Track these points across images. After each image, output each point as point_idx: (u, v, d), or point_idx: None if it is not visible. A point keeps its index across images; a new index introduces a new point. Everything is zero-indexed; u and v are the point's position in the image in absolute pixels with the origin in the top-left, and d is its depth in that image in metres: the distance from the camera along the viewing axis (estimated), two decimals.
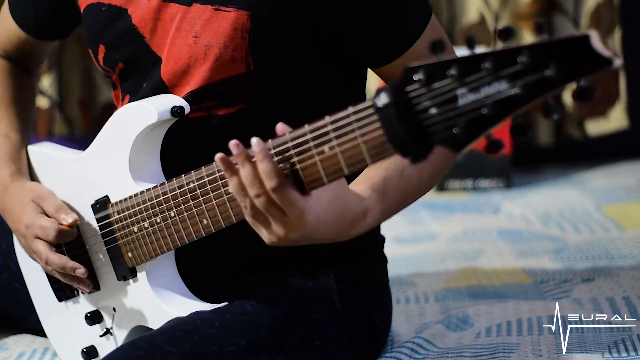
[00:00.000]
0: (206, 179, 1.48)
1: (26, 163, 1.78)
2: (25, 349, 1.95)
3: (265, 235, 1.40)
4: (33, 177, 1.78)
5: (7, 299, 1.93)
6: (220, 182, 1.46)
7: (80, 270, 1.63)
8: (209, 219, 1.49)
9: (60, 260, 1.64)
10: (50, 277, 1.76)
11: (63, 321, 1.77)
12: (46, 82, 3.37)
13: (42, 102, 3.39)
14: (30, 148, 1.81)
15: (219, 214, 1.48)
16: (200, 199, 1.49)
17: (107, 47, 1.69)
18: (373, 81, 3.01)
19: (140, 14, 1.64)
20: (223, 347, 1.52)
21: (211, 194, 1.48)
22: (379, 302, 1.77)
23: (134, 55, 1.66)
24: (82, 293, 1.72)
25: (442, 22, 3.34)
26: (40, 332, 1.91)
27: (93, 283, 1.67)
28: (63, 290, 1.75)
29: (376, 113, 1.24)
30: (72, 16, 1.80)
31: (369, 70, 1.69)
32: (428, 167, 1.50)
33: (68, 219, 1.64)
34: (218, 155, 1.36)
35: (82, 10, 1.72)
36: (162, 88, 1.63)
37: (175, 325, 1.54)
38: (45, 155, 1.77)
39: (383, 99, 1.22)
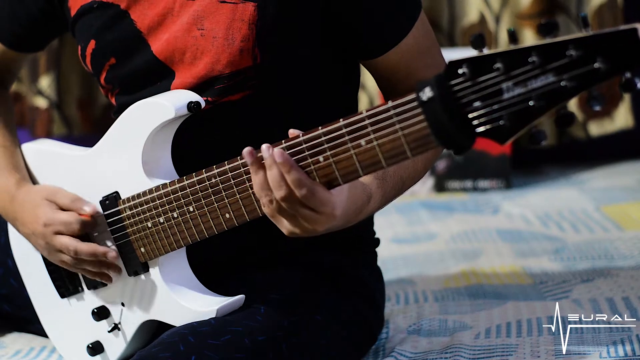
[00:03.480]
0: (229, 174, 1.49)
1: (25, 170, 1.78)
2: (22, 347, 1.96)
3: (287, 228, 1.42)
4: (32, 177, 1.78)
5: (2, 296, 1.93)
6: (245, 176, 1.47)
7: (112, 254, 1.63)
8: (231, 213, 1.50)
9: (90, 247, 1.64)
10: (52, 274, 1.77)
11: (66, 318, 1.78)
12: (45, 82, 3.37)
13: (40, 102, 3.40)
14: (29, 145, 1.81)
15: (243, 208, 1.49)
16: (223, 193, 1.50)
17: (99, 43, 1.70)
18: (373, 83, 3.00)
19: (140, 9, 1.64)
20: (219, 337, 1.54)
21: (235, 189, 1.49)
22: (377, 276, 1.83)
23: (130, 50, 1.67)
24: (88, 289, 1.73)
25: (442, 23, 3.35)
26: (36, 331, 1.92)
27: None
28: (66, 287, 1.76)
29: (420, 106, 1.26)
30: (51, 28, 1.81)
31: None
32: (422, 156, 1.53)
33: (87, 208, 1.65)
34: (246, 149, 1.39)
35: (73, 13, 1.72)
36: (166, 83, 1.64)
37: (172, 333, 1.56)
38: (47, 152, 1.77)
39: (427, 93, 1.25)
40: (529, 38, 3.31)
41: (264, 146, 1.39)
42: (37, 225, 1.68)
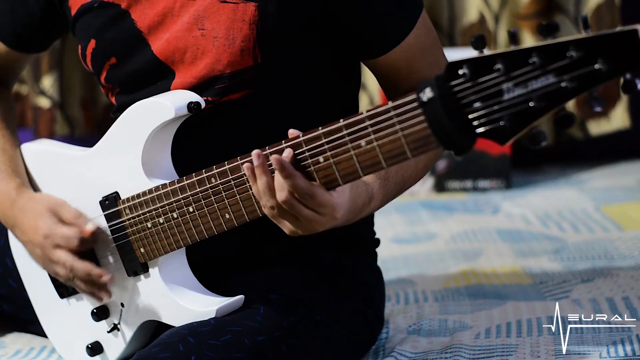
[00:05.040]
0: (230, 175, 1.49)
1: (25, 174, 1.78)
2: (22, 347, 1.95)
3: (289, 228, 1.43)
4: (30, 177, 1.78)
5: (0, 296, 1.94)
6: (245, 177, 1.47)
7: (106, 278, 1.63)
8: (231, 214, 1.50)
9: (86, 266, 1.64)
10: (51, 274, 1.76)
11: (65, 318, 1.77)
12: (47, 82, 3.37)
13: (43, 102, 3.40)
14: (28, 146, 1.81)
15: (243, 209, 1.49)
16: (223, 194, 1.50)
17: (99, 43, 1.70)
18: (373, 83, 3.01)
19: (141, 9, 1.64)
20: (219, 337, 1.54)
21: (235, 189, 1.49)
22: (377, 276, 1.83)
23: (130, 50, 1.67)
24: None
25: (442, 22, 3.35)
26: (36, 331, 1.92)
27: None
28: (65, 287, 1.75)
29: (420, 107, 1.27)
30: (53, 28, 1.81)
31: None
32: (423, 156, 1.54)
33: (89, 227, 1.64)
34: (256, 151, 1.40)
35: (73, 13, 1.72)
36: (166, 82, 1.64)
37: (171, 334, 1.56)
38: (47, 152, 1.77)
39: (428, 93, 1.25)
40: (527, 38, 3.30)
41: (287, 150, 1.39)
42: (37, 236, 1.68)
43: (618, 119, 3.33)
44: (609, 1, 3.28)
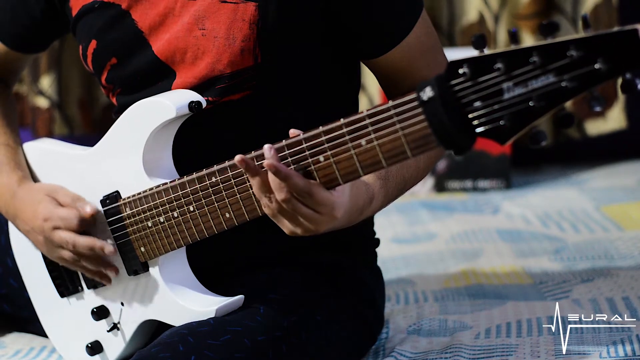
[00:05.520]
0: (230, 173, 1.49)
1: (28, 170, 1.78)
2: (22, 347, 1.96)
3: (289, 228, 1.43)
4: (33, 176, 1.78)
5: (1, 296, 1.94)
6: (245, 176, 1.47)
7: (110, 249, 1.62)
8: (231, 213, 1.50)
9: (88, 241, 1.64)
10: (52, 273, 1.77)
11: (65, 317, 1.78)
12: (46, 82, 3.38)
13: (41, 102, 3.40)
14: (30, 144, 1.81)
15: (243, 208, 1.49)
16: (223, 193, 1.50)
17: (100, 43, 1.70)
18: (373, 83, 3.01)
19: (142, 9, 1.64)
20: (218, 337, 1.54)
21: (235, 188, 1.49)
22: (377, 276, 1.83)
23: (131, 50, 1.67)
24: (88, 288, 1.73)
25: (442, 22, 3.35)
26: (36, 330, 1.92)
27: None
28: (66, 286, 1.76)
29: (420, 106, 1.27)
30: (53, 29, 1.82)
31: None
32: (424, 156, 1.53)
33: (87, 208, 1.65)
34: (237, 157, 1.39)
35: (74, 13, 1.72)
36: (167, 83, 1.64)
37: (171, 334, 1.56)
38: (49, 151, 1.77)
39: (428, 93, 1.25)
40: (526, 38, 3.31)
41: (266, 146, 1.39)
42: (37, 221, 1.68)
43: (614, 119, 3.33)
44: (606, 1, 3.29)
